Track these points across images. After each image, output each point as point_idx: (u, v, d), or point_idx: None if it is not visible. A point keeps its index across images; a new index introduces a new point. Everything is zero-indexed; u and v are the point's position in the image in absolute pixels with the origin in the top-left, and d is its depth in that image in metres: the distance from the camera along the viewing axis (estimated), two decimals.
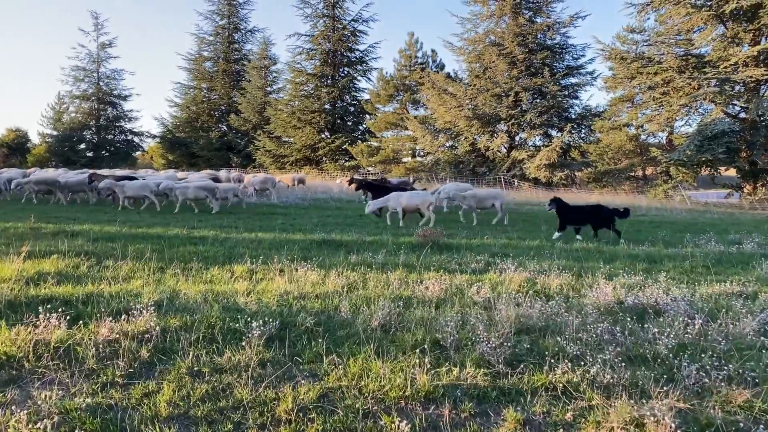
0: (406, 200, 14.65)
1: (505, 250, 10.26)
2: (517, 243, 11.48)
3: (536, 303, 5.72)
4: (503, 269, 8.01)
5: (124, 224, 13.04)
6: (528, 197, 29.70)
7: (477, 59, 41.85)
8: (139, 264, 7.84)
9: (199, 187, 17.59)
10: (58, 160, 63.50)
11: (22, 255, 7.00)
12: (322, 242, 10.55)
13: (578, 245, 11.34)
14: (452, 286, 6.90)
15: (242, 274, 7.48)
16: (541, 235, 13.15)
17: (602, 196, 31.31)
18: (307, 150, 50.58)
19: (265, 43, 62.24)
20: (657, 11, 35.21)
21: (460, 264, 8.60)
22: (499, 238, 12.01)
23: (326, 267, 8.05)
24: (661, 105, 34.39)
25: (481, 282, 7.24)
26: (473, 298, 6.31)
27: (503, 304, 5.67)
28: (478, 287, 6.63)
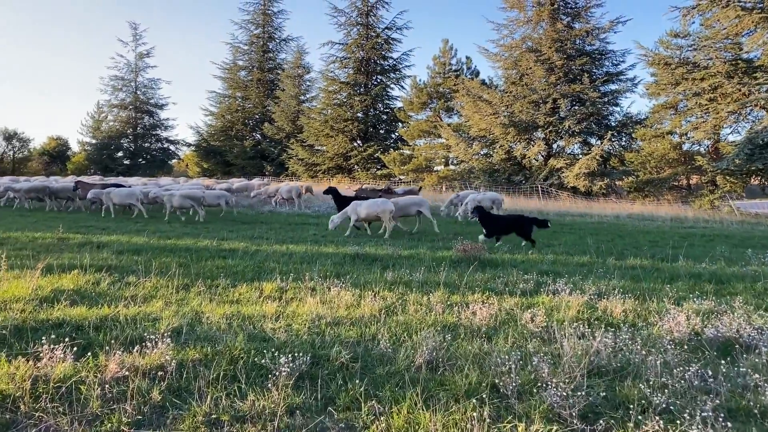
0: (365, 210, 13.94)
1: (553, 268, 9.49)
2: (566, 259, 10.68)
3: (602, 334, 4.98)
4: (556, 291, 7.28)
5: (153, 235, 12.68)
6: (568, 207, 28.65)
7: (513, 66, 40.96)
8: (162, 280, 7.36)
9: (185, 195, 17.47)
10: (96, 168, 64.68)
11: (38, 271, 6.54)
12: (356, 256, 9.94)
13: (632, 261, 10.48)
14: (502, 311, 6.20)
15: (272, 293, 6.91)
16: (589, 249, 12.31)
17: (644, 206, 30.04)
18: (340, 158, 50.27)
19: (299, 51, 62.43)
20: (703, 14, 33.81)
21: (506, 284, 7.88)
22: (545, 254, 11.23)
23: (361, 286, 7.43)
24: (708, 112, 32.97)
25: (533, 306, 6.52)
26: (528, 326, 5.60)
27: (565, 336, 4.96)
28: (531, 313, 5.91)
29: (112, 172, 60.74)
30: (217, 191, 19.26)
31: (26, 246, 10.31)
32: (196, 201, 17.41)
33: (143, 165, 66.11)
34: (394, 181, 45.80)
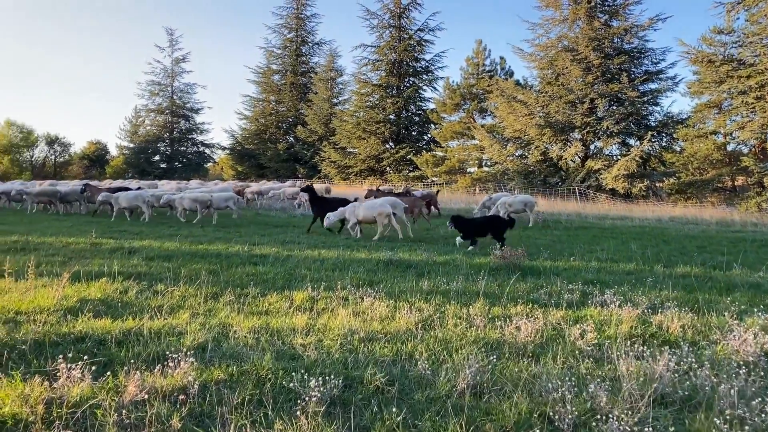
0: (363, 212, 13.80)
1: (599, 276, 8.97)
2: (611, 267, 10.13)
3: (663, 355, 4.51)
4: (604, 302, 6.80)
5: (185, 239, 12.56)
6: (607, 210, 27.79)
7: (549, 65, 40.10)
8: (191, 289, 7.13)
9: (193, 198, 17.74)
10: (134, 172, 65.94)
11: (65, 279, 6.37)
12: (389, 262, 9.59)
13: (682, 269, 9.88)
14: (548, 326, 5.77)
15: (302, 303, 6.61)
16: (635, 255, 11.71)
17: (687, 209, 28.94)
18: (372, 160, 50.08)
19: (331, 55, 62.54)
20: (749, 10, 32.50)
21: (550, 294, 7.42)
22: (588, 261, 10.69)
23: (395, 295, 7.07)
24: (754, 110, 31.64)
25: (581, 321, 6.06)
26: (577, 344, 5.16)
27: (620, 357, 4.52)
28: (580, 329, 5.47)
29: (150, 176, 61.76)
30: (225, 194, 19.39)
31: (59, 252, 10.26)
32: (203, 204, 17.57)
33: (179, 168, 67.08)
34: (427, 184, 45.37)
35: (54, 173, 68.27)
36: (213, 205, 17.89)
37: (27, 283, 6.96)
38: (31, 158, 70.78)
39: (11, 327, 5.01)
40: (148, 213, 17.96)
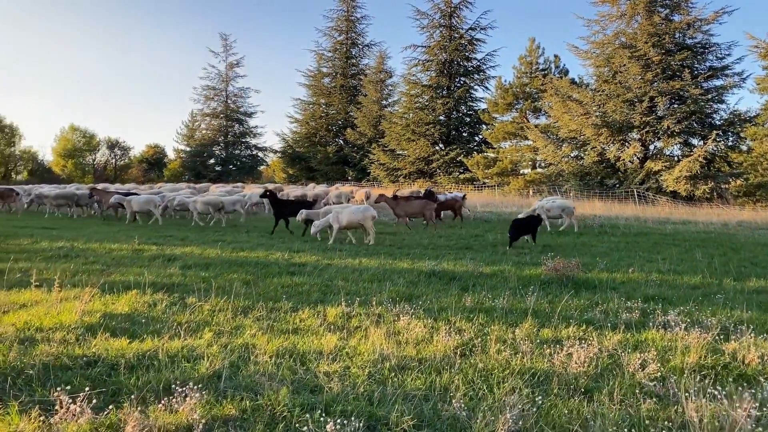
0: (347, 217, 13.62)
1: (660, 292, 8.20)
2: (673, 279, 9.31)
3: (740, 396, 3.85)
4: (667, 324, 6.10)
5: (228, 246, 12.40)
6: (668, 214, 26.36)
7: (605, 63, 38.54)
8: (222, 302, 6.83)
9: (206, 202, 18.42)
10: (190, 175, 67.50)
11: (87, 294, 6.16)
12: (432, 274, 9.08)
13: (755, 283, 8.97)
14: (603, 353, 5.15)
15: (335, 320, 6.20)
16: (700, 266, 10.79)
17: (756, 212, 27.12)
18: (421, 162, 49.48)
19: (381, 56, 62.26)
20: None
21: (606, 313, 6.76)
22: (648, 272, 9.88)
23: (435, 313, 6.57)
24: None
25: (641, 346, 5.41)
26: (637, 377, 4.54)
27: (688, 397, 3.89)
28: (641, 358, 4.83)
29: (205, 179, 63.10)
30: (234, 197, 20.09)
31: (99, 259, 10.22)
32: (216, 207, 18.19)
33: (233, 171, 68.23)
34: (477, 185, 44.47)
35: (114, 176, 70.73)
36: (225, 209, 18.55)
37: (58, 294, 6.82)
38: (93, 162, 73.58)
39: (26, 347, 4.79)
40: (159, 216, 18.40)
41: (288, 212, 16.00)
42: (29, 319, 5.69)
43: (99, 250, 11.35)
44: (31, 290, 7.02)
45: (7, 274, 8.31)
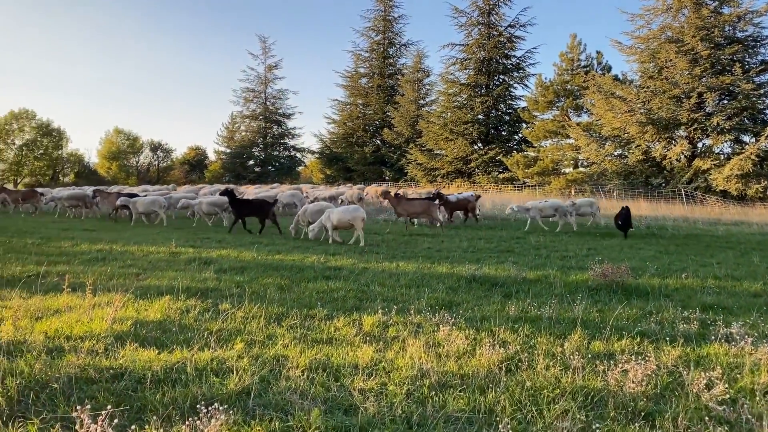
0: (337, 216, 13.77)
1: (719, 300, 7.65)
2: (732, 286, 8.71)
3: None
4: (730, 336, 5.60)
5: (264, 248, 12.28)
6: (719, 214, 25.26)
7: (651, 58, 37.33)
8: (256, 308, 6.63)
9: (211, 203, 18.73)
10: (230, 176, 68.42)
11: (117, 302, 6.02)
12: (472, 279, 8.70)
13: None
14: (662, 370, 4.72)
15: (372, 329, 5.92)
16: (759, 271, 10.13)
17: None
18: (459, 162, 48.91)
19: (418, 55, 61.92)
20: None
21: (661, 323, 6.29)
22: (703, 278, 9.29)
23: (477, 322, 6.22)
24: None
25: (704, 362, 4.96)
26: (703, 399, 4.11)
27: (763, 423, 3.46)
28: (705, 377, 4.38)
29: (245, 180, 63.84)
30: None
31: (136, 262, 10.20)
32: (220, 207, 18.59)
33: (272, 172, 68.88)
34: (517, 185, 43.66)
35: (157, 178, 72.27)
36: None
37: (92, 299, 6.74)
38: (136, 164, 75.33)
39: (53, 357, 4.65)
40: (164, 217, 18.82)
41: (247, 212, 16.19)
42: (60, 326, 5.59)
43: (136, 253, 11.35)
44: (65, 295, 6.95)
45: (44, 278, 8.31)
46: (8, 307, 6.54)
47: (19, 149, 65.89)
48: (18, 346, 4.91)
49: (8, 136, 65.36)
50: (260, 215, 15.97)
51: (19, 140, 66.15)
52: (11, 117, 65.68)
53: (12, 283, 8.20)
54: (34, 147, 66.62)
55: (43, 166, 67.49)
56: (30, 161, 66.53)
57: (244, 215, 16.15)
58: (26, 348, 4.82)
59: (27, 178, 66.36)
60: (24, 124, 66.40)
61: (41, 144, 67.06)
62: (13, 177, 65.65)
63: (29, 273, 8.88)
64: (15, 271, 9.02)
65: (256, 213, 16.11)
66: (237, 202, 16.35)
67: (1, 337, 4.92)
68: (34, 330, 5.48)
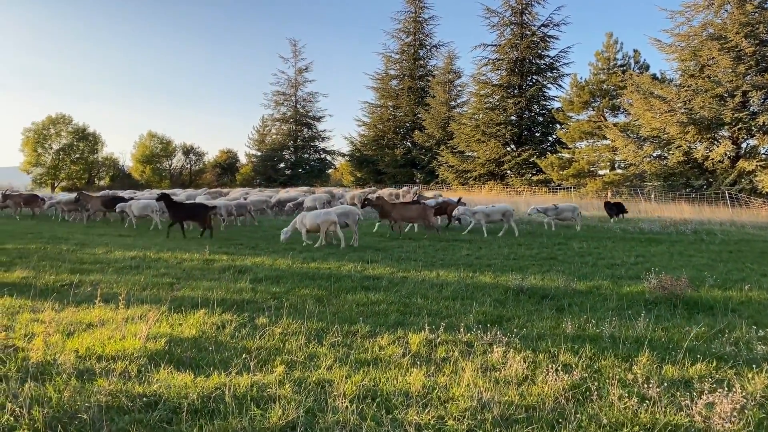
0: (310, 221, 13.97)
1: None
2: None
3: None
4: None
5: (298, 255, 11.97)
6: (767, 217, 24.15)
7: (692, 56, 36.11)
8: (294, 323, 6.28)
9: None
10: (261, 179, 68.79)
11: (151, 320, 5.71)
12: (520, 291, 8.22)
13: None
14: (750, 402, 4.19)
15: (419, 349, 5.50)
16: None
17: None
18: (492, 164, 48.19)
19: (449, 56, 61.36)
20: None
21: (736, 344, 5.73)
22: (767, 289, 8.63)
23: (533, 341, 5.75)
24: None
25: None
26: None
27: None
28: None
29: (275, 182, 64.08)
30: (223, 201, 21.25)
31: (170, 271, 9.96)
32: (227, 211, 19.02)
33: (303, 175, 69.02)
34: (552, 187, 42.76)
35: (190, 181, 73.05)
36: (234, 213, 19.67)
37: (125, 312, 6.47)
38: (169, 167, 76.24)
39: (83, 382, 4.35)
40: (158, 221, 18.92)
41: (183, 215, 16.20)
42: (92, 343, 5.31)
43: (170, 261, 11.14)
44: (98, 307, 6.71)
45: (77, 288, 8.11)
46: (40, 320, 6.32)
47: (56, 153, 67.28)
48: (48, 367, 4.63)
49: (46, 141, 66.79)
50: (197, 220, 16.16)
51: (56, 145, 67.55)
52: (49, 122, 67.12)
53: (45, 293, 8.03)
54: (71, 151, 67.95)
55: (80, 169, 68.76)
56: (67, 165, 67.87)
57: (180, 219, 16.21)
58: (56, 370, 4.54)
59: (64, 181, 67.70)
60: (61, 129, 67.79)
61: (77, 148, 68.36)
62: (50, 181, 67.07)
63: (62, 282, 8.71)
64: (49, 280, 8.86)
65: (193, 217, 16.28)
66: (173, 205, 16.44)
67: (30, 357, 4.64)
68: (64, 348, 5.21)
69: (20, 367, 4.57)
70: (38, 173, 66.70)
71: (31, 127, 66.37)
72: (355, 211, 14.64)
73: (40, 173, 66.73)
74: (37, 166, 66.51)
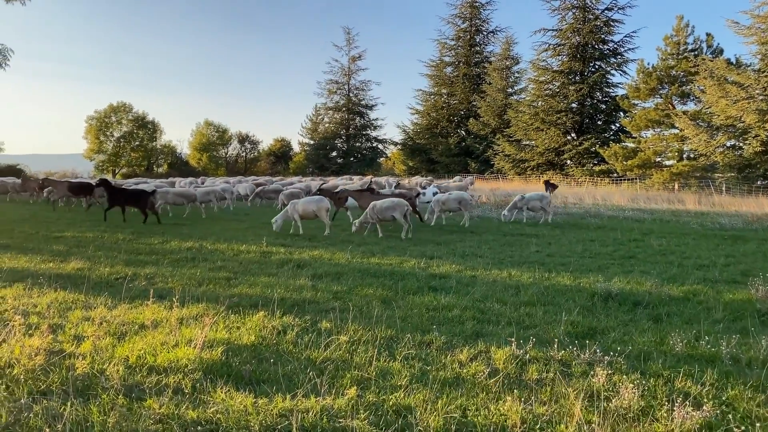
0: (302, 207, 14.11)
1: None
2: None
3: None
4: None
5: (357, 249, 11.38)
6: None
7: None
8: (361, 329, 5.66)
9: (178, 194, 19.15)
10: (313, 167, 68.93)
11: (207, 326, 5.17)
12: (608, 297, 7.35)
13: None
14: None
15: (505, 367, 4.78)
16: None
17: None
18: (551, 153, 46.55)
19: (507, 42, 59.58)
20: None
21: None
22: None
23: (638, 361, 4.94)
24: None
25: None
26: None
27: None
28: None
29: (327, 171, 64.04)
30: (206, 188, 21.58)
31: (226, 264, 9.52)
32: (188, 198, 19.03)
33: (354, 164, 68.77)
34: (614, 179, 40.88)
35: (245, 169, 73.92)
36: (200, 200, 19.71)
37: (179, 311, 6.00)
38: (225, 155, 77.39)
39: (132, 400, 3.83)
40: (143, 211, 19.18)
41: (122, 200, 16.46)
42: (142, 350, 4.82)
43: (227, 253, 10.74)
44: (151, 306, 6.27)
45: (132, 282, 7.74)
46: (92, 319, 5.92)
47: (117, 141, 69.19)
48: (94, 380, 4.14)
49: (108, 129, 68.74)
50: (137, 205, 16.34)
51: (117, 132, 69.45)
52: (110, 110, 69.03)
53: (99, 286, 7.70)
54: (131, 138, 69.76)
55: (139, 157, 70.55)
56: (127, 152, 69.74)
57: (120, 204, 16.44)
58: (102, 385, 4.04)
59: (124, 168, 69.61)
60: (122, 117, 69.61)
61: (137, 136, 70.10)
62: (111, 167, 69.07)
63: (117, 275, 8.38)
64: (103, 272, 8.56)
65: (133, 203, 16.44)
66: (113, 191, 16.75)
67: (77, 368, 4.17)
68: (114, 355, 4.74)
69: (64, 380, 4.10)
70: (100, 160, 68.77)
71: (94, 115, 68.47)
72: (403, 203, 13.92)
73: (102, 160, 68.79)
74: (99, 153, 68.57)
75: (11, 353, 4.52)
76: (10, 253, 10.33)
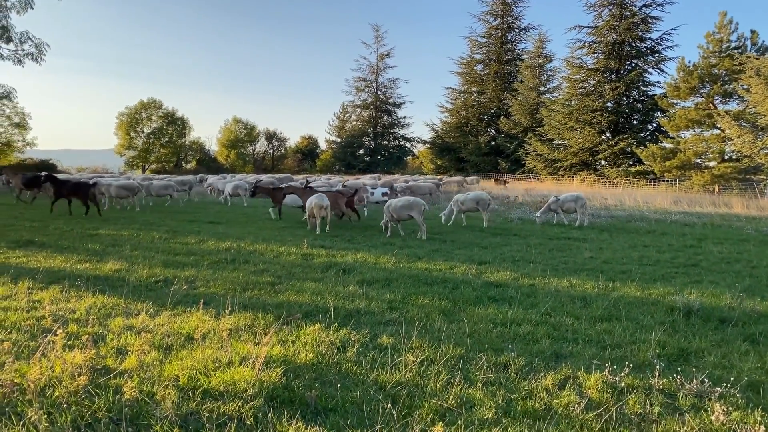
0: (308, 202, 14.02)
1: None
2: None
3: None
4: None
5: (401, 251, 10.85)
6: None
7: None
8: (428, 348, 5.13)
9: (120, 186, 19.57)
10: (340, 165, 68.64)
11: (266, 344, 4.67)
12: (689, 312, 6.68)
13: None
14: None
15: (600, 398, 4.19)
16: None
17: None
18: (585, 153, 45.44)
19: (540, 39, 58.53)
20: None
21: None
22: None
23: (753, 396, 4.31)
24: None
25: None
26: None
27: None
28: None
29: (354, 169, 63.68)
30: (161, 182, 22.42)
31: (268, 266, 9.06)
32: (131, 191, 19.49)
33: (381, 162, 68.31)
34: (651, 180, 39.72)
35: (272, 166, 73.94)
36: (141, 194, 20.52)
37: (227, 321, 5.53)
38: (253, 152, 77.53)
39: None
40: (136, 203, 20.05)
41: (66, 192, 16.62)
42: (194, 369, 4.34)
43: (267, 254, 10.30)
44: (197, 313, 5.82)
45: (173, 285, 7.31)
46: (135, 328, 5.48)
47: (147, 137, 69.69)
48: (144, 407, 3.67)
49: (138, 125, 69.26)
50: (79, 197, 16.52)
51: (147, 128, 69.94)
52: (141, 107, 69.56)
53: (139, 290, 7.30)
54: (161, 135, 70.19)
55: (168, 153, 70.98)
56: (156, 148, 70.20)
57: (62, 196, 16.66)
58: (154, 414, 3.56)
59: (154, 164, 70.11)
60: (152, 113, 70.08)
61: (167, 132, 70.51)
62: (141, 163, 69.62)
63: (156, 278, 7.98)
64: (142, 275, 8.17)
65: (75, 194, 16.59)
66: (57, 184, 17.01)
67: (125, 392, 3.69)
68: (162, 374, 4.27)
69: (112, 406, 3.63)
70: (130, 156, 69.35)
71: (125, 111, 69.06)
72: (420, 202, 13.32)
73: (132, 156, 69.35)
74: (130, 149, 69.13)
75: (51, 371, 4.07)
76: (45, 252, 10.03)
